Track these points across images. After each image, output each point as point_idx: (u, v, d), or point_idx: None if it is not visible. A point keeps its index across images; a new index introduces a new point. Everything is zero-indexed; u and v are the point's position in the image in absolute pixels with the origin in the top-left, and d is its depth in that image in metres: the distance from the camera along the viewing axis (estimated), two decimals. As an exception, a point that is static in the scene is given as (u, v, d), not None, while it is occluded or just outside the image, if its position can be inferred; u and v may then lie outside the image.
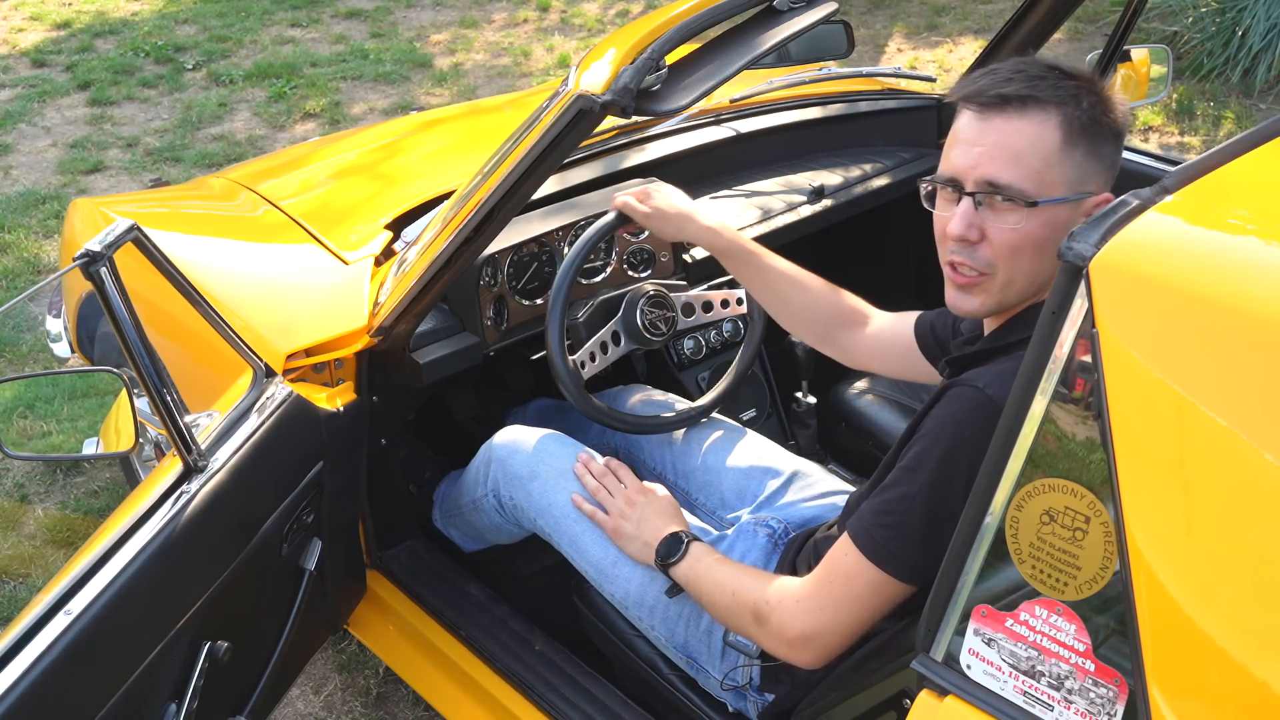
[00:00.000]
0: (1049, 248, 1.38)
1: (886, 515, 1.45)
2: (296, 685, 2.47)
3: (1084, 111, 1.39)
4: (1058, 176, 1.39)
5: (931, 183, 1.48)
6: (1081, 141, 1.39)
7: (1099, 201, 1.40)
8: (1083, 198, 1.40)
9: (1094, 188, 1.41)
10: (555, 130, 1.61)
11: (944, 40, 5.90)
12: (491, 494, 2.04)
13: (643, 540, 1.80)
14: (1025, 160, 1.38)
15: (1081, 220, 1.35)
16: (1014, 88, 1.39)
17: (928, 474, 1.42)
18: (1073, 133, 1.38)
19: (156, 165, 4.91)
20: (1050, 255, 1.38)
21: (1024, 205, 1.38)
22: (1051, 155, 1.38)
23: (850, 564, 1.47)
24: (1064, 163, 1.38)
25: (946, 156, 1.46)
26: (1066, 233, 1.33)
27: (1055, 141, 1.38)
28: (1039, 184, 1.38)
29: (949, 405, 1.43)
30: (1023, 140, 1.38)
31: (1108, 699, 1.12)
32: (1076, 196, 1.40)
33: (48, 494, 3.10)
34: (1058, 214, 1.39)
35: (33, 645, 1.38)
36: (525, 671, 1.97)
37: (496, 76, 5.79)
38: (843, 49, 2.72)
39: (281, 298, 2.22)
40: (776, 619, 1.54)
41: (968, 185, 1.42)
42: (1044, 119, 1.38)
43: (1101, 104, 1.41)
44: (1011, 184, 1.39)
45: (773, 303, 1.94)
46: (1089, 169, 1.40)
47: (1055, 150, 1.38)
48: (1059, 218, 1.39)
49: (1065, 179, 1.39)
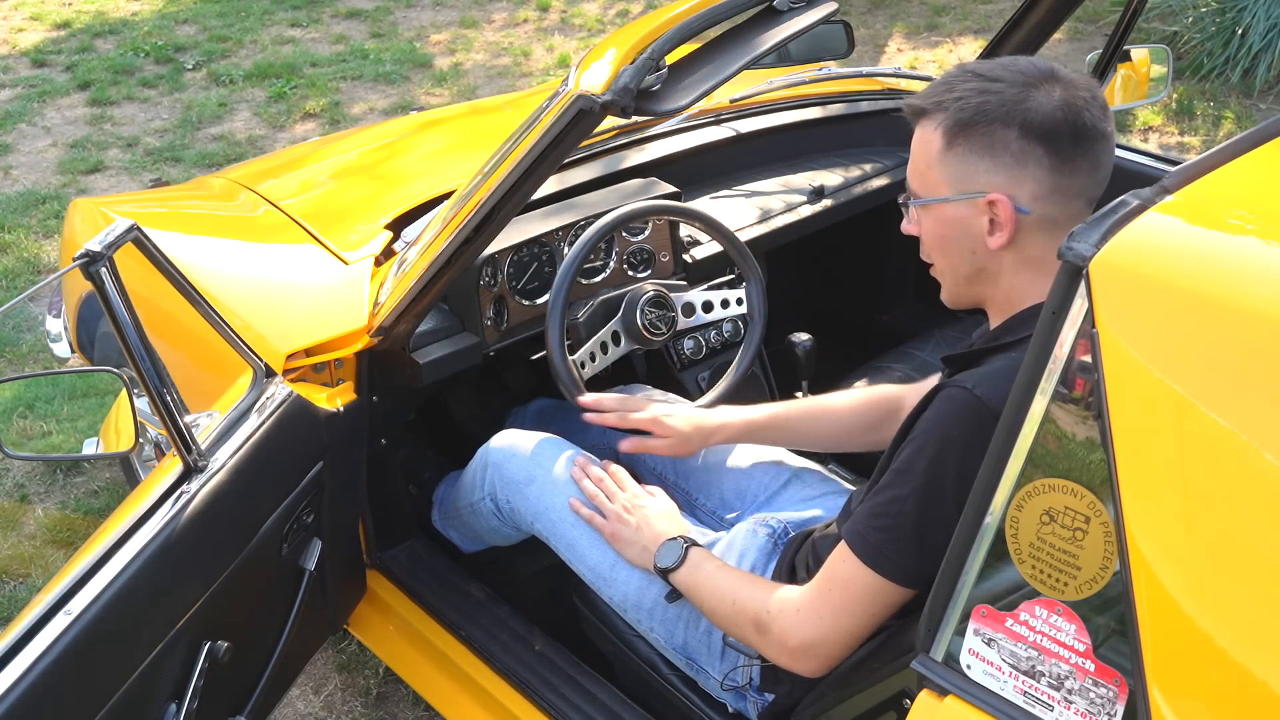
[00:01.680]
0: (953, 242, 1.48)
1: (879, 519, 1.45)
2: (296, 685, 2.47)
3: (967, 111, 1.42)
4: (939, 177, 1.46)
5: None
6: (960, 141, 1.43)
7: (989, 201, 1.42)
8: (972, 197, 1.43)
9: (982, 187, 1.42)
10: (555, 130, 1.61)
11: (944, 40, 5.90)
12: (489, 498, 2.03)
13: (641, 545, 1.79)
14: (915, 164, 1.50)
15: (982, 219, 1.43)
16: (918, 100, 1.49)
17: (918, 476, 1.42)
18: (952, 134, 1.43)
19: (156, 165, 4.91)
20: (960, 249, 1.48)
21: (917, 205, 1.51)
22: (932, 157, 1.46)
23: (847, 570, 1.47)
24: (941, 164, 1.45)
25: None
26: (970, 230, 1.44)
27: (936, 145, 1.45)
28: (923, 185, 1.49)
29: (939, 407, 1.44)
30: (916, 147, 1.49)
31: (1108, 699, 1.12)
32: (961, 196, 1.44)
33: (48, 494, 3.10)
34: (945, 211, 1.47)
35: (33, 645, 1.38)
36: (525, 671, 1.97)
37: (496, 76, 5.79)
38: (843, 49, 2.72)
39: (281, 298, 2.22)
40: (778, 629, 1.54)
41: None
42: (931, 127, 1.46)
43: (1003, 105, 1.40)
44: (910, 186, 1.52)
45: (815, 442, 1.98)
46: (979, 165, 1.42)
47: (935, 153, 1.46)
48: (949, 214, 1.47)
49: (948, 178, 1.45)
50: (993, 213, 1.42)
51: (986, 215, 1.43)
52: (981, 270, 1.48)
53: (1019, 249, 1.44)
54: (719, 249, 2.32)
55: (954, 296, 1.56)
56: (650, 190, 2.34)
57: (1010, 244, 1.43)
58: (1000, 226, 1.42)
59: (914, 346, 2.58)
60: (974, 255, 1.47)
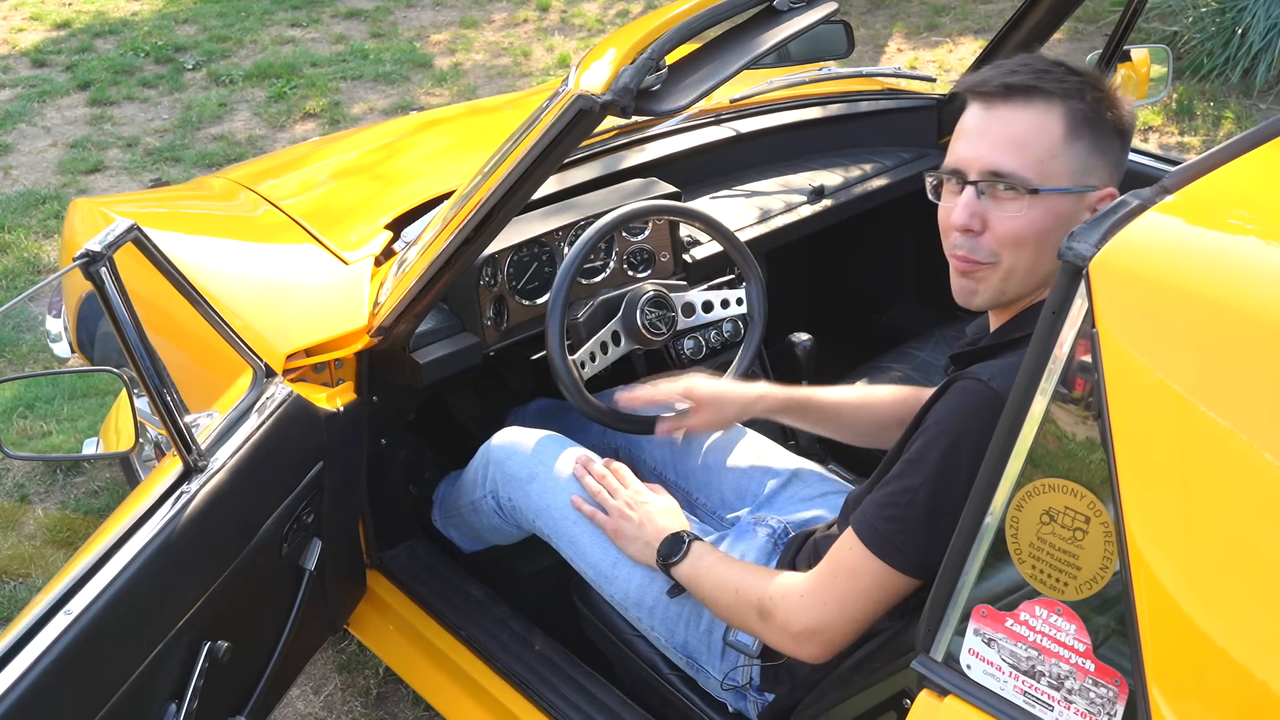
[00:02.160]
0: (1051, 238, 1.39)
1: (890, 508, 1.45)
2: (296, 685, 2.47)
3: (1088, 105, 1.41)
4: (1061, 167, 1.40)
5: (936, 175, 1.50)
6: (1085, 134, 1.41)
7: (1103, 196, 1.41)
8: (1086, 190, 1.41)
9: (1098, 182, 1.42)
10: (555, 130, 1.61)
11: (944, 40, 5.90)
12: (490, 495, 2.04)
13: (643, 541, 1.79)
14: (1028, 148, 1.40)
15: (1086, 215, 1.38)
16: (1019, 78, 1.41)
17: (931, 467, 1.42)
18: (1076, 125, 1.40)
19: (156, 165, 4.91)
20: (1053, 247, 1.37)
21: (1026, 193, 1.40)
22: (1055, 145, 1.40)
23: (854, 557, 1.47)
24: (1067, 153, 1.40)
25: (952, 149, 1.48)
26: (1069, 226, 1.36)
27: (1059, 132, 1.40)
28: (1041, 172, 1.40)
29: (954, 398, 1.43)
30: (1026, 129, 1.40)
31: (1108, 699, 1.12)
32: (1080, 189, 1.41)
33: (48, 494, 3.10)
34: (1060, 204, 1.41)
35: (33, 645, 1.38)
36: (525, 671, 1.97)
37: (496, 76, 5.79)
38: (843, 49, 2.72)
39: (281, 298, 2.22)
40: (781, 614, 1.53)
41: (971, 174, 1.44)
42: (1048, 109, 1.40)
43: (1106, 100, 1.43)
44: (1015, 172, 1.40)
45: (851, 433, 1.94)
46: (1092, 162, 1.42)
47: (1058, 140, 1.40)
48: (1062, 208, 1.41)
49: (1068, 169, 1.40)
50: (1099, 207, 1.39)
51: (1091, 210, 1.40)
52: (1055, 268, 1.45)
53: None
54: (719, 249, 2.32)
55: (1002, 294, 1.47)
56: (650, 190, 2.34)
57: None
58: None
59: (914, 346, 2.58)
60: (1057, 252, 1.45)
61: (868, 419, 1.93)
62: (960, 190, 1.45)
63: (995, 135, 1.42)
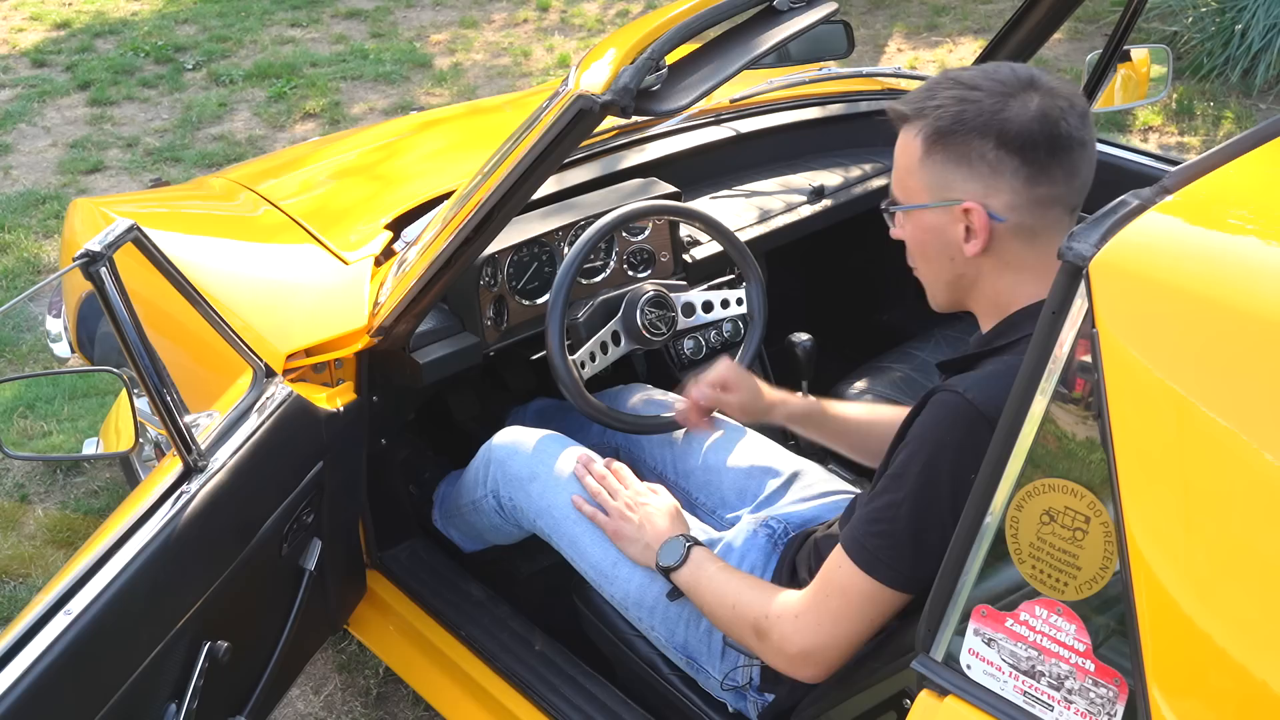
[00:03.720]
0: (931, 249, 1.50)
1: (875, 524, 1.46)
2: (296, 685, 2.47)
3: (943, 122, 1.42)
4: (919, 184, 1.47)
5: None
6: (937, 151, 1.44)
7: (964, 209, 1.43)
8: (946, 205, 1.45)
9: (959, 194, 1.43)
10: (555, 130, 1.61)
11: (944, 40, 5.90)
12: (491, 495, 2.04)
13: (643, 543, 1.80)
14: (897, 170, 1.51)
15: (957, 225, 1.45)
16: (902, 105, 1.49)
17: (912, 481, 1.43)
18: (929, 143, 1.44)
19: (156, 165, 4.91)
20: (940, 255, 1.49)
21: (897, 210, 1.52)
22: (913, 164, 1.47)
23: (844, 575, 1.47)
24: (922, 171, 1.46)
25: None
26: (947, 238, 1.46)
27: (915, 152, 1.46)
28: (904, 191, 1.51)
29: (932, 412, 1.44)
30: (898, 152, 1.51)
31: (1108, 699, 1.12)
32: (940, 203, 1.45)
33: (48, 494, 3.10)
34: (925, 218, 1.48)
35: (33, 645, 1.38)
36: (525, 671, 1.97)
37: (496, 76, 5.79)
38: (843, 49, 2.72)
39: (281, 298, 2.22)
40: (777, 634, 1.54)
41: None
42: (912, 133, 1.47)
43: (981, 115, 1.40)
44: (893, 193, 1.53)
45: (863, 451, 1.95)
46: (955, 174, 1.43)
47: (914, 160, 1.46)
48: (928, 222, 1.48)
49: (926, 185, 1.47)
50: (968, 220, 1.43)
51: (962, 223, 1.44)
52: (960, 276, 1.50)
53: (996, 255, 1.45)
54: (719, 249, 2.33)
55: (939, 301, 1.57)
56: (650, 190, 2.34)
57: (986, 251, 1.45)
58: (975, 234, 1.44)
59: (914, 346, 2.58)
60: (952, 262, 1.48)
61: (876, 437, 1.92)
62: None
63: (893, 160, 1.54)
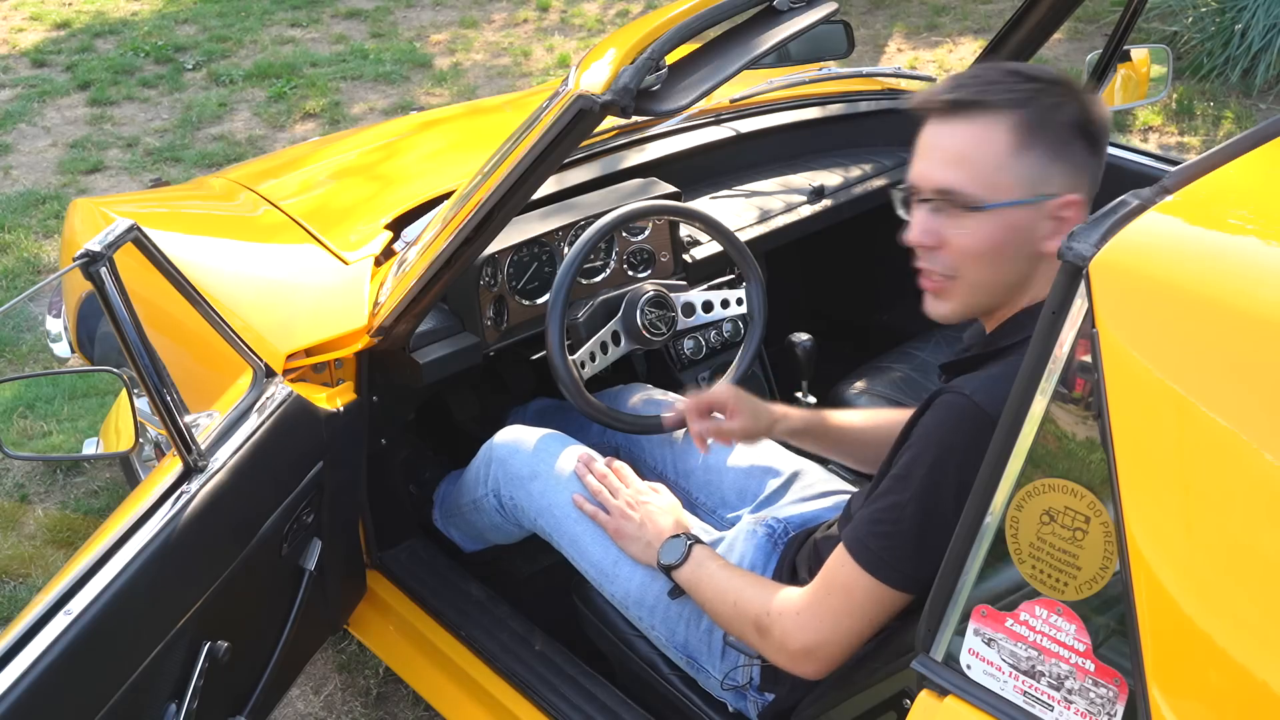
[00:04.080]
0: (1009, 250, 1.41)
1: (879, 524, 1.45)
2: (296, 685, 2.47)
3: (1038, 112, 1.39)
4: (1010, 179, 1.39)
5: (901, 191, 1.51)
6: (1036, 143, 1.39)
7: (1064, 203, 1.39)
8: (1042, 200, 1.39)
9: (1056, 189, 1.40)
10: (555, 130, 1.61)
11: (944, 40, 5.90)
12: (492, 494, 2.04)
13: (644, 541, 1.80)
14: (973, 164, 1.40)
15: (1047, 222, 1.39)
16: (963, 93, 1.41)
17: (917, 482, 1.42)
18: (1027, 134, 1.38)
19: (156, 165, 4.91)
20: (1015, 257, 1.41)
21: (976, 210, 1.40)
22: (1003, 158, 1.39)
23: (847, 574, 1.47)
24: (1016, 165, 1.39)
25: (911, 165, 1.49)
26: (1029, 236, 1.39)
27: (1006, 144, 1.39)
28: (989, 187, 1.39)
29: (937, 413, 1.44)
30: (970, 144, 1.40)
31: (1108, 699, 1.12)
32: (1033, 199, 1.39)
33: (48, 494, 3.10)
34: (1013, 216, 1.39)
35: (33, 645, 1.38)
36: (525, 671, 1.97)
37: (496, 76, 5.79)
38: (843, 49, 2.72)
39: (281, 298, 2.22)
40: (778, 631, 1.54)
41: (922, 193, 1.45)
42: (993, 123, 1.39)
43: (1067, 104, 1.40)
44: (960, 189, 1.40)
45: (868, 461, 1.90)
46: (1049, 170, 1.40)
47: (1006, 153, 1.39)
48: (1015, 220, 1.40)
49: (1018, 180, 1.39)
50: (1060, 214, 1.39)
51: (1052, 218, 1.39)
52: (1025, 277, 1.43)
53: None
54: (719, 249, 2.33)
55: (973, 307, 1.48)
56: (650, 190, 2.34)
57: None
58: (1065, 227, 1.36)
59: (914, 346, 2.58)
60: (1026, 261, 1.42)
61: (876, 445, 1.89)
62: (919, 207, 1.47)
63: (941, 152, 1.43)
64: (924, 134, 1.47)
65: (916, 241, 1.46)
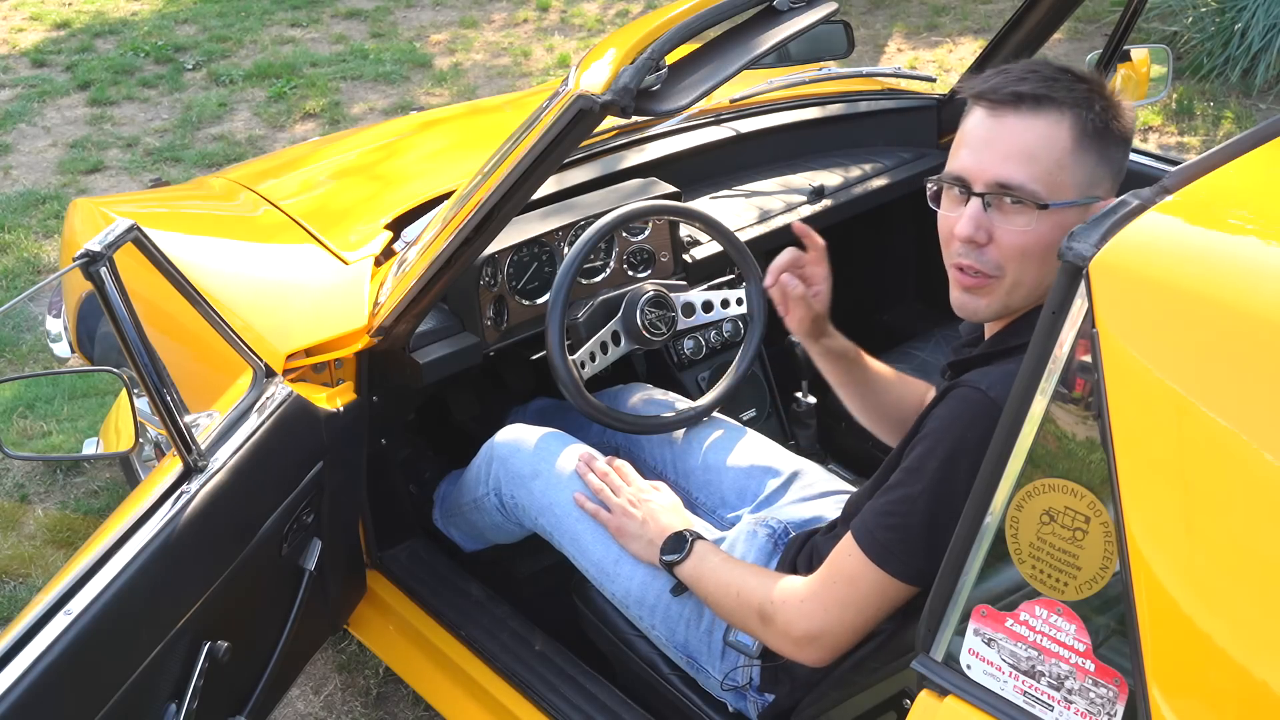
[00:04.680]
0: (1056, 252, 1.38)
1: (889, 516, 1.45)
2: (296, 685, 2.47)
3: (1096, 115, 1.38)
4: (1069, 179, 1.37)
5: (938, 182, 1.45)
6: (1093, 145, 1.38)
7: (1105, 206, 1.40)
8: (1091, 202, 1.38)
9: (1102, 193, 1.40)
10: (555, 130, 1.61)
11: (944, 40, 5.90)
12: (493, 493, 2.04)
13: (646, 539, 1.80)
14: (1038, 161, 1.37)
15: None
16: (1029, 86, 1.37)
17: (930, 475, 1.42)
18: (1085, 135, 1.37)
19: (156, 165, 4.91)
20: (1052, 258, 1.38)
21: (1035, 207, 1.37)
22: (1064, 157, 1.37)
23: (853, 565, 1.47)
24: (1075, 165, 1.37)
25: (955, 155, 1.44)
26: None
27: (1068, 143, 1.37)
28: (1050, 186, 1.37)
29: (951, 406, 1.43)
30: (1036, 140, 1.37)
31: (1108, 699, 1.12)
32: (1086, 200, 1.38)
33: (48, 494, 3.10)
34: (1067, 217, 1.37)
35: (33, 645, 1.38)
36: (525, 671, 1.97)
37: (496, 76, 5.78)
38: (843, 49, 2.72)
39: (281, 298, 2.22)
40: (782, 619, 1.54)
41: (977, 186, 1.40)
42: (1058, 120, 1.37)
43: (1112, 108, 1.40)
44: (1023, 185, 1.37)
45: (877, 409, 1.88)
46: (1099, 173, 1.39)
47: (1068, 152, 1.37)
48: (1069, 221, 1.36)
49: (1076, 182, 1.38)
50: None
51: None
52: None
53: None
54: (719, 249, 2.32)
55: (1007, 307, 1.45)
56: (650, 190, 2.34)
57: None
58: None
59: (914, 346, 2.58)
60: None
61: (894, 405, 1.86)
62: (965, 200, 1.41)
63: (1004, 146, 1.38)
64: (979, 125, 1.41)
65: (968, 236, 1.40)
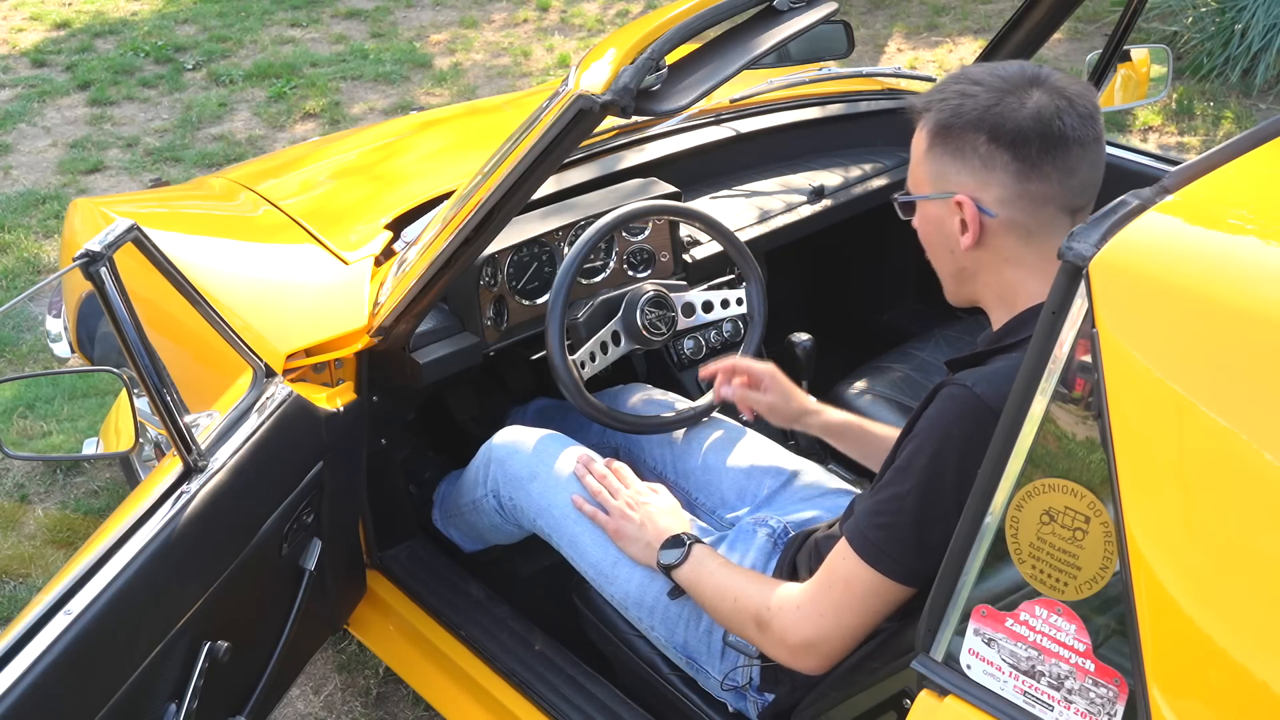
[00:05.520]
0: (933, 241, 1.53)
1: (879, 516, 1.46)
2: (296, 685, 2.47)
3: (944, 113, 1.45)
4: (923, 175, 1.50)
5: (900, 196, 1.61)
6: (937, 143, 1.46)
7: (959, 200, 1.44)
8: (945, 196, 1.46)
9: (955, 187, 1.45)
10: (555, 130, 1.61)
11: (944, 40, 5.90)
12: (491, 494, 2.04)
13: (644, 541, 1.80)
14: (910, 164, 1.54)
15: (956, 219, 1.46)
16: (915, 100, 1.51)
17: (918, 473, 1.43)
18: (933, 134, 1.47)
19: (156, 165, 4.91)
20: (940, 250, 1.52)
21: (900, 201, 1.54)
22: (920, 156, 1.50)
23: (847, 567, 1.47)
24: (926, 163, 1.49)
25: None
26: (948, 230, 1.47)
27: (923, 144, 1.49)
28: (912, 182, 1.54)
29: (939, 405, 1.45)
30: (912, 146, 1.53)
31: (1108, 699, 1.12)
32: (939, 195, 1.47)
33: (48, 494, 3.10)
34: (928, 210, 1.50)
35: (33, 645, 1.38)
36: (525, 671, 1.97)
37: (496, 76, 5.79)
38: (843, 49, 2.72)
39: (281, 298, 2.22)
40: (778, 625, 1.54)
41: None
42: (921, 126, 1.50)
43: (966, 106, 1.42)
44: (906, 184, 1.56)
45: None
46: (951, 167, 1.46)
47: (922, 152, 1.49)
48: (930, 213, 1.50)
49: (929, 177, 1.49)
50: (961, 213, 1.45)
51: (957, 215, 1.46)
52: (962, 269, 1.51)
53: (992, 250, 1.46)
54: (719, 249, 2.33)
55: (949, 293, 1.58)
56: (650, 190, 2.35)
57: (981, 245, 1.46)
58: (968, 227, 1.45)
59: (914, 346, 2.58)
60: (952, 255, 1.51)
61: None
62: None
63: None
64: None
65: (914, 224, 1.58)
